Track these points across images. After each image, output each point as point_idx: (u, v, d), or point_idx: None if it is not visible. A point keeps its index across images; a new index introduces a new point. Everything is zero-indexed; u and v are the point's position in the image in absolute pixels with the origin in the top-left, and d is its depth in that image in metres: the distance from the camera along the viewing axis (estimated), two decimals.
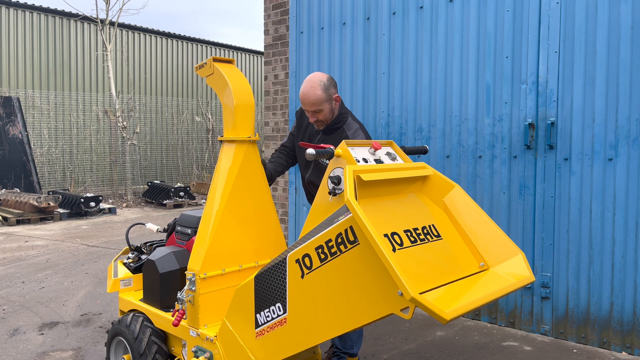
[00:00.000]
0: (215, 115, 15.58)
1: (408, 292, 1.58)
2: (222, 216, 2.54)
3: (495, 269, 2.07)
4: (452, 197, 2.23)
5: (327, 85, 2.77)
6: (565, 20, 3.61)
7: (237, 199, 2.60)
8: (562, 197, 3.66)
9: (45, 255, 6.51)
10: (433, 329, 3.89)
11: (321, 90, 2.75)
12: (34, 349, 3.60)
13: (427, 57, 4.27)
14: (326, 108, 2.79)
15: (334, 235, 1.86)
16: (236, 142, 2.63)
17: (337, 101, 2.83)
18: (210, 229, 2.52)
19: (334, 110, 2.83)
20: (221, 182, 2.58)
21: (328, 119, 2.84)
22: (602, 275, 3.51)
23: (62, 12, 13.82)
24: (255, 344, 2.19)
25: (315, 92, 2.75)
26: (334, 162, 2.07)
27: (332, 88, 2.80)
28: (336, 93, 2.82)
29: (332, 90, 2.79)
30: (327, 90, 2.76)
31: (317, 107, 2.77)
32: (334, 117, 2.85)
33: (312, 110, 2.79)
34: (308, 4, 5.11)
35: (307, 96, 2.76)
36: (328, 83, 2.78)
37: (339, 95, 2.84)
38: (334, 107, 2.82)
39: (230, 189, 2.57)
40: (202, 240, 2.53)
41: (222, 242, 2.55)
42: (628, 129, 3.39)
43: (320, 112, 2.79)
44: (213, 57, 2.71)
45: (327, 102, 2.78)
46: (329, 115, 2.82)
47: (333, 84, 2.82)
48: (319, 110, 2.78)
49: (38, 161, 11.69)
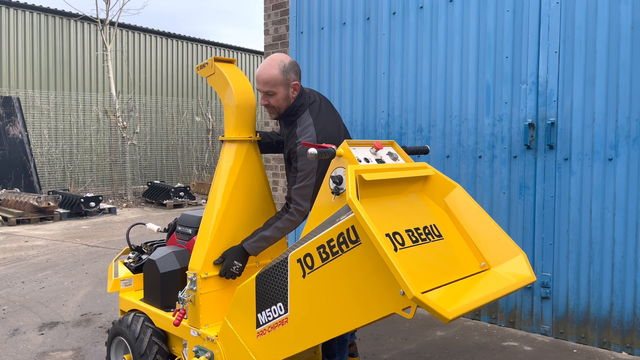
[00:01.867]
0: (215, 115, 15.58)
1: (410, 291, 1.58)
2: (223, 216, 2.54)
3: (496, 269, 2.07)
4: (454, 197, 2.24)
5: (287, 68, 2.51)
6: (565, 20, 3.61)
7: (238, 198, 2.61)
8: (562, 197, 3.66)
9: (45, 255, 6.51)
10: (433, 329, 3.89)
11: (278, 70, 2.49)
12: (34, 349, 3.60)
13: (427, 57, 4.27)
14: (280, 92, 2.51)
15: (335, 234, 1.86)
16: (237, 142, 2.64)
17: (295, 89, 2.55)
18: (212, 228, 2.52)
19: (289, 98, 2.54)
20: (222, 182, 2.58)
21: (281, 107, 2.56)
22: (602, 275, 3.52)
23: (62, 12, 13.82)
24: (256, 344, 2.19)
25: (271, 70, 2.49)
26: (336, 162, 2.08)
27: (292, 73, 2.52)
28: (296, 80, 2.54)
29: (291, 75, 2.52)
30: (285, 73, 2.50)
31: (269, 88, 2.51)
32: (289, 106, 2.56)
33: (264, 91, 2.53)
34: (308, 4, 5.12)
35: (261, 74, 2.51)
36: (289, 66, 2.52)
37: (299, 84, 2.56)
38: (290, 95, 2.54)
39: (231, 188, 2.58)
40: (203, 240, 2.53)
41: (223, 241, 2.56)
42: (628, 129, 3.39)
43: (273, 96, 2.53)
44: (214, 57, 2.71)
45: (283, 86, 2.51)
46: (283, 103, 2.55)
47: (295, 70, 2.55)
48: (272, 93, 2.52)
49: (38, 161, 11.69)
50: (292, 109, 2.57)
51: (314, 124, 2.53)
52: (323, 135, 2.52)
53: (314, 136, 2.48)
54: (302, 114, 2.56)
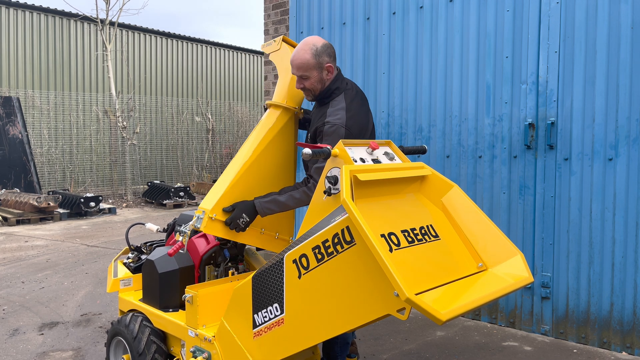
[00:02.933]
0: (215, 115, 15.58)
1: (403, 292, 1.57)
2: (247, 168, 2.58)
3: (493, 270, 2.06)
4: (451, 197, 2.23)
5: (320, 51, 2.51)
6: (565, 20, 3.60)
7: (266, 158, 2.65)
8: (562, 197, 3.65)
9: (45, 255, 6.51)
10: (433, 329, 3.89)
11: (310, 54, 2.50)
12: (34, 349, 3.59)
13: (427, 57, 4.26)
14: (314, 76, 2.53)
15: (330, 235, 1.85)
16: (282, 108, 2.73)
17: (329, 72, 2.56)
18: (233, 176, 2.55)
19: (324, 81, 2.55)
20: (257, 138, 2.64)
21: (316, 89, 2.57)
22: (602, 275, 3.50)
23: (62, 12, 13.82)
24: (253, 345, 2.19)
25: (304, 55, 2.50)
26: (331, 162, 2.07)
27: (324, 56, 2.52)
28: (329, 62, 2.54)
29: (324, 58, 2.52)
30: (318, 56, 2.50)
31: (302, 72, 2.53)
32: (324, 88, 2.57)
33: (298, 75, 2.56)
34: (308, 4, 5.11)
35: (294, 59, 2.53)
36: (321, 49, 2.52)
37: (333, 66, 2.56)
38: (324, 78, 2.55)
39: (263, 147, 2.63)
40: (221, 185, 2.56)
41: (239, 192, 2.57)
42: (628, 129, 3.38)
43: (307, 79, 2.54)
44: (283, 37, 2.89)
45: (316, 69, 2.52)
46: (317, 85, 2.56)
47: (328, 52, 2.54)
48: (306, 77, 2.54)
49: (38, 161, 11.69)
50: (327, 91, 2.57)
51: (346, 108, 2.52)
52: (353, 121, 2.49)
53: (343, 119, 2.46)
54: (337, 97, 2.56)
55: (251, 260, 3.02)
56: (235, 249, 2.90)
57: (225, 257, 2.86)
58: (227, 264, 2.87)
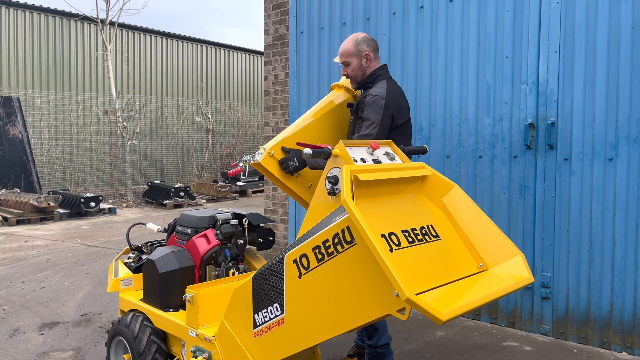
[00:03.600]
0: (215, 115, 15.59)
1: (404, 292, 1.57)
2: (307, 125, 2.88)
3: (494, 270, 2.06)
4: (451, 198, 2.23)
5: (359, 41, 2.88)
6: (565, 20, 3.60)
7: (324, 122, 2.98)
8: (562, 197, 3.65)
9: (45, 255, 6.51)
10: (433, 329, 3.89)
11: (352, 44, 2.87)
12: (34, 349, 3.60)
13: (427, 57, 4.26)
14: (354, 62, 2.88)
15: (330, 235, 1.85)
16: (345, 88, 3.09)
17: (367, 60, 2.88)
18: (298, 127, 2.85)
19: (363, 67, 2.89)
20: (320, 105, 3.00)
21: (357, 76, 2.92)
22: (603, 275, 3.51)
23: (62, 12, 13.83)
24: (253, 345, 2.19)
25: (346, 45, 2.89)
26: (332, 162, 2.07)
27: (363, 45, 2.87)
28: (368, 51, 2.88)
29: (362, 47, 2.87)
30: (357, 45, 2.87)
31: (344, 59, 2.90)
32: (364, 75, 2.91)
33: (342, 62, 2.93)
34: (308, 4, 5.11)
35: (341, 48, 2.93)
36: (361, 40, 2.89)
37: (371, 54, 2.89)
38: (364, 65, 2.89)
39: (323, 113, 2.96)
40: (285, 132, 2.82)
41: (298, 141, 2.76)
42: (628, 129, 3.38)
43: (349, 66, 2.90)
44: None
45: (356, 56, 2.87)
46: (358, 72, 2.90)
47: (367, 43, 2.89)
48: (347, 64, 2.90)
49: (38, 161, 11.69)
50: (370, 77, 2.90)
51: (387, 87, 2.82)
52: (392, 98, 2.78)
53: (383, 93, 2.75)
54: (379, 82, 2.88)
55: (252, 260, 3.02)
56: (236, 248, 2.90)
57: (225, 257, 2.86)
58: (228, 264, 2.87)
